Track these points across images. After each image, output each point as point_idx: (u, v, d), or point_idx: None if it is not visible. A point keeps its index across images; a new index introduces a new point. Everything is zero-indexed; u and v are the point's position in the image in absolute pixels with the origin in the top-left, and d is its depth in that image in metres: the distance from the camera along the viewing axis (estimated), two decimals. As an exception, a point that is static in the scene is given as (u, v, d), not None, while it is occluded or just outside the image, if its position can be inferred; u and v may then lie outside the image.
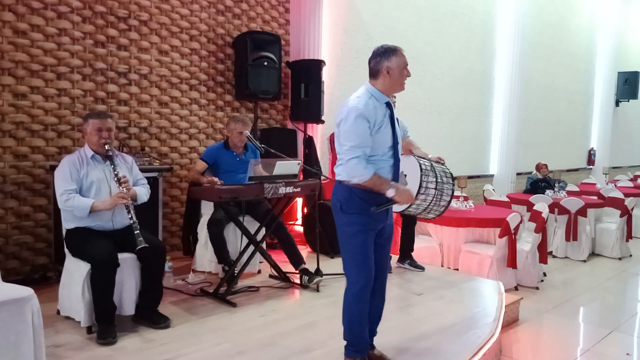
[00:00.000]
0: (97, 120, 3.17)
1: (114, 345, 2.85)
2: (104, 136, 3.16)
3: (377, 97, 2.54)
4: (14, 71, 4.01)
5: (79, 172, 3.11)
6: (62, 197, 3.03)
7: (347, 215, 2.52)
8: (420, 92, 7.59)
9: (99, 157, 3.21)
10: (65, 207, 3.05)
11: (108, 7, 4.49)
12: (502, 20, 8.94)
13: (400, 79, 2.57)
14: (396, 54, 2.55)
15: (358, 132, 2.42)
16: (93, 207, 3.03)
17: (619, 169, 12.43)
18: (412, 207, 3.82)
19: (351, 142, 2.43)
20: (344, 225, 2.54)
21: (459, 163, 8.32)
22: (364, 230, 2.51)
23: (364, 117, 2.43)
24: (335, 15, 6.31)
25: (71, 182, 3.06)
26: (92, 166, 3.17)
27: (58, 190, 3.07)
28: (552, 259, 6.27)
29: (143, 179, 3.43)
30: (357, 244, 2.51)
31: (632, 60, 13.18)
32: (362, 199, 2.48)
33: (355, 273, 2.54)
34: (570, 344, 3.89)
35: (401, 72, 2.56)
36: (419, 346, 2.96)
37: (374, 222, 2.54)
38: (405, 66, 2.57)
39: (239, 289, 3.83)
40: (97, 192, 3.13)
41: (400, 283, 4.25)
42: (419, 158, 3.92)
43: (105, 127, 3.17)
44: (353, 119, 2.43)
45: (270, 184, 3.63)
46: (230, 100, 5.41)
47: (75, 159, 3.15)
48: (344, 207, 2.53)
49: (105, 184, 3.17)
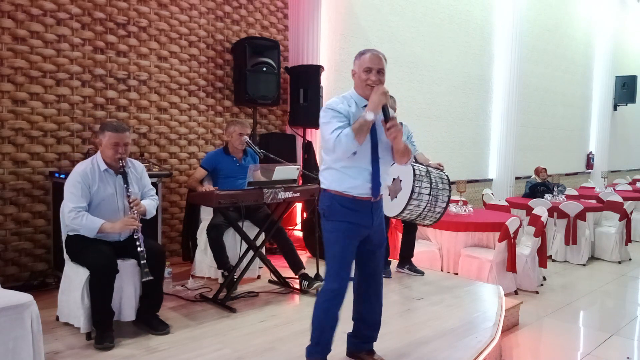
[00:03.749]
0: (114, 134, 3.06)
1: (114, 351, 2.84)
2: (120, 151, 3.06)
3: (357, 100, 2.57)
4: (13, 77, 4.02)
5: (90, 188, 3.03)
6: (71, 214, 2.96)
7: (330, 222, 2.56)
8: (419, 96, 7.61)
9: (112, 171, 3.13)
10: (73, 224, 2.98)
11: (107, 14, 4.51)
12: (500, 25, 8.98)
13: (361, 82, 2.53)
14: (359, 58, 2.56)
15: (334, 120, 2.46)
16: (102, 229, 2.98)
17: (617, 173, 12.46)
18: (405, 213, 3.83)
19: (329, 130, 2.46)
20: (327, 232, 2.58)
21: (458, 167, 8.34)
22: (345, 236, 2.52)
23: (334, 110, 2.50)
24: (333, 21, 6.33)
25: (81, 198, 2.98)
26: (104, 180, 3.09)
27: (67, 205, 2.99)
28: (552, 263, 6.28)
29: (152, 189, 3.37)
30: (338, 249, 2.53)
31: (630, 65, 13.24)
32: (342, 205, 2.51)
33: (331, 276, 2.55)
34: (570, 348, 3.89)
35: (360, 75, 2.53)
36: (418, 351, 2.96)
37: (356, 229, 2.54)
38: (366, 69, 2.51)
39: (238, 295, 3.82)
40: (106, 207, 3.08)
41: (399, 288, 4.24)
42: (414, 164, 3.92)
43: (123, 142, 3.07)
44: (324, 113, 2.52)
45: (269, 189, 3.63)
46: (230, 106, 5.42)
47: (87, 171, 3.05)
48: (327, 213, 2.57)
49: (114, 199, 3.12)
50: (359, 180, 2.51)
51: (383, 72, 2.53)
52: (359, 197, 2.51)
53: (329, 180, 2.57)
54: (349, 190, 2.51)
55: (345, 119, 2.48)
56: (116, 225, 3.02)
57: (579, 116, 11.76)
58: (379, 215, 2.64)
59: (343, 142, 2.40)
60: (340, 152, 2.46)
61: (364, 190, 2.52)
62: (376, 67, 2.50)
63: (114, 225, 3.02)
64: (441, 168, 4.15)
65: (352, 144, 2.41)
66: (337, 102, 2.55)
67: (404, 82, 7.33)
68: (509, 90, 8.98)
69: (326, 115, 2.51)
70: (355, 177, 2.50)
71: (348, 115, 2.50)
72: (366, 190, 2.52)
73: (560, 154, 11.07)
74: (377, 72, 2.50)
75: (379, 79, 2.50)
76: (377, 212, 2.61)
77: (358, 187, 2.51)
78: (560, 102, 10.98)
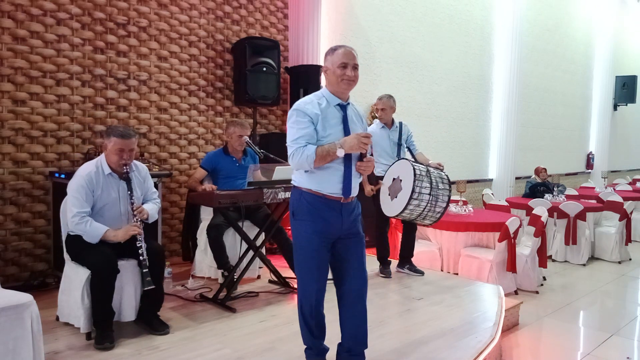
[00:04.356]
0: (120, 140, 3.02)
1: (114, 351, 2.84)
2: (124, 157, 3.05)
3: (328, 98, 2.50)
4: (13, 77, 4.02)
5: (94, 193, 3.02)
6: (75, 219, 2.95)
7: (298, 221, 2.49)
8: (419, 96, 7.61)
9: (116, 175, 3.12)
10: (76, 230, 2.98)
11: (107, 14, 4.51)
12: (500, 25, 8.98)
13: (337, 78, 2.46)
14: (332, 54, 2.49)
15: (297, 126, 2.40)
16: (105, 236, 2.98)
17: (617, 173, 12.46)
18: (405, 213, 3.83)
19: (291, 137, 2.41)
20: (296, 231, 2.51)
21: (458, 167, 8.34)
22: (314, 237, 2.45)
23: (300, 111, 2.42)
24: (333, 21, 6.34)
25: (85, 203, 2.97)
26: (108, 184, 3.08)
27: (70, 210, 2.98)
28: (552, 263, 6.28)
29: (155, 192, 3.36)
30: (308, 250, 2.46)
31: (630, 64, 13.25)
32: (310, 203, 2.45)
33: (305, 279, 2.50)
34: (570, 348, 3.89)
35: (335, 71, 2.45)
36: (418, 351, 2.96)
37: (325, 227, 2.46)
38: (341, 65, 2.44)
39: (238, 295, 3.82)
40: (108, 211, 3.08)
41: (399, 288, 4.25)
42: (414, 163, 3.91)
43: (128, 149, 3.05)
44: (290, 113, 2.45)
45: (269, 189, 3.63)
46: (230, 106, 5.42)
47: (92, 175, 3.03)
48: (295, 212, 2.50)
49: (117, 204, 3.11)
50: (331, 180, 2.45)
51: (357, 67, 2.48)
52: (329, 196, 2.46)
53: (300, 178, 2.51)
54: (320, 189, 2.45)
55: (310, 124, 2.41)
56: (119, 233, 3.02)
57: (579, 116, 11.76)
58: (349, 219, 2.52)
59: (299, 159, 2.37)
60: (293, 165, 2.43)
61: (335, 190, 2.46)
62: (352, 62, 2.45)
63: (116, 233, 3.01)
64: (441, 168, 4.14)
65: (308, 165, 2.37)
66: (307, 101, 2.47)
67: (404, 82, 7.33)
68: (509, 90, 8.98)
69: (291, 117, 2.45)
70: (328, 176, 2.44)
71: (316, 116, 2.42)
72: (337, 190, 2.46)
73: (560, 154, 11.08)
74: (352, 68, 2.45)
75: (355, 75, 2.47)
76: (346, 214, 2.51)
77: (329, 186, 2.45)
78: (560, 102, 10.99)
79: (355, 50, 2.53)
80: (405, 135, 4.55)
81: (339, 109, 2.50)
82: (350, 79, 2.46)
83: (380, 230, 4.54)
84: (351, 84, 2.48)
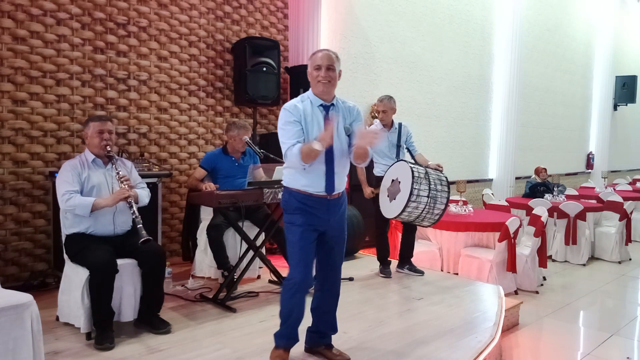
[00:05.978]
0: (98, 122, 3.19)
1: (114, 351, 2.84)
2: (105, 137, 3.17)
3: (312, 99, 2.66)
4: (13, 77, 4.02)
5: (81, 176, 3.11)
6: (64, 197, 3.02)
7: (289, 215, 2.66)
8: (419, 96, 7.61)
9: (100, 162, 3.21)
10: (67, 206, 3.03)
11: (107, 14, 4.51)
12: (500, 25, 8.98)
13: (312, 80, 2.63)
14: (311, 57, 2.65)
15: (286, 127, 2.56)
16: (95, 204, 3.03)
17: (617, 173, 12.46)
18: (404, 214, 3.83)
19: (281, 138, 2.57)
20: (287, 224, 2.67)
21: (458, 167, 8.34)
22: (303, 229, 2.60)
23: (287, 112, 2.58)
24: (333, 21, 6.33)
25: (73, 183, 3.06)
26: (94, 170, 3.17)
27: (59, 191, 3.06)
28: (552, 263, 6.28)
29: (142, 182, 3.43)
30: (297, 241, 2.61)
31: (630, 64, 13.25)
32: (299, 201, 2.61)
33: (293, 267, 2.64)
34: (570, 348, 3.89)
35: (312, 73, 2.62)
36: (418, 351, 2.95)
37: (313, 220, 2.61)
38: (317, 67, 2.59)
39: (238, 295, 3.82)
40: (98, 195, 3.13)
41: (399, 288, 4.25)
42: (413, 165, 3.91)
43: (107, 129, 3.19)
44: (280, 114, 2.61)
45: (269, 189, 3.63)
46: (230, 106, 5.42)
47: (76, 163, 3.15)
48: (286, 207, 2.68)
49: (106, 187, 3.17)
50: (314, 179, 2.59)
51: (333, 69, 2.60)
52: (315, 194, 2.60)
53: (288, 178, 2.66)
54: (305, 188, 2.60)
55: (298, 123, 2.56)
56: (109, 198, 3.08)
57: (579, 116, 11.76)
58: (337, 213, 2.68)
59: (290, 158, 2.52)
60: (289, 164, 2.60)
61: (319, 188, 2.59)
62: (325, 64, 2.58)
63: (106, 199, 3.08)
64: (440, 169, 4.14)
65: (299, 164, 2.51)
66: (295, 101, 2.65)
67: (404, 82, 7.33)
68: (509, 90, 8.98)
69: (281, 118, 2.61)
70: (310, 175, 2.58)
71: (302, 115, 2.58)
72: (320, 188, 2.60)
73: (560, 154, 11.08)
74: (326, 69, 2.58)
75: (329, 75, 2.58)
76: (334, 209, 2.66)
77: (313, 185, 2.59)
78: (560, 102, 10.99)
79: (337, 55, 2.66)
80: (404, 136, 4.54)
81: (322, 109, 2.64)
82: (324, 79, 2.58)
83: (380, 231, 4.54)
84: (327, 85, 2.61)
